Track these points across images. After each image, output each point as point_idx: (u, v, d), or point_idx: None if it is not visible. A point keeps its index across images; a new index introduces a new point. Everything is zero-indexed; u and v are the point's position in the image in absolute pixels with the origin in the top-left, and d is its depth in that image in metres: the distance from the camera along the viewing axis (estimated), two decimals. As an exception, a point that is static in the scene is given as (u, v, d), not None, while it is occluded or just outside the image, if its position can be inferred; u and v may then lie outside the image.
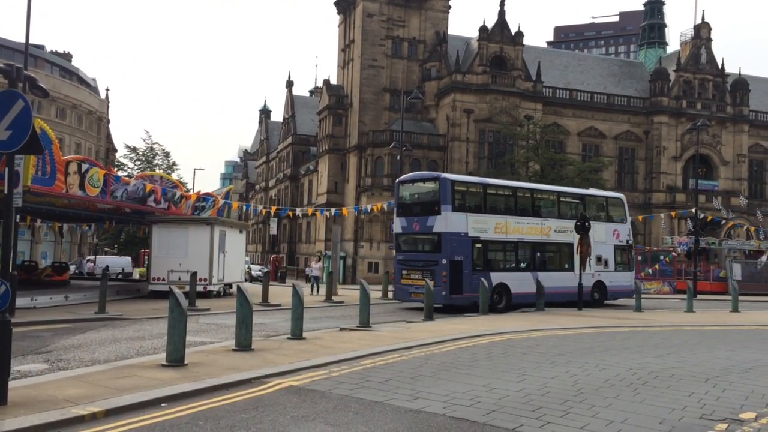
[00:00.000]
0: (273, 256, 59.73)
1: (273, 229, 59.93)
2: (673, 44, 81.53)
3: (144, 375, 9.43)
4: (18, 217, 19.15)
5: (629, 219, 29.76)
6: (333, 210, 39.14)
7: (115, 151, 68.49)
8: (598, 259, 27.03)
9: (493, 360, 11.61)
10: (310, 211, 42.61)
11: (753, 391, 9.37)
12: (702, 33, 61.22)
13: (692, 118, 54.07)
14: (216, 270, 26.12)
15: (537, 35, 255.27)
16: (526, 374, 10.22)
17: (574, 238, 25.36)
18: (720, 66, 60.88)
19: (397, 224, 25.11)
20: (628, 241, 28.75)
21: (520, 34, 55.31)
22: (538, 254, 25.88)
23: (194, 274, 22.15)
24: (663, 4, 75.47)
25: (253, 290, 20.12)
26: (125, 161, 49.05)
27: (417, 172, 29.72)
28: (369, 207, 40.26)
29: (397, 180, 26.79)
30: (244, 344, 11.80)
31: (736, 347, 14.25)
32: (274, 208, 43.26)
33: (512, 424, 7.29)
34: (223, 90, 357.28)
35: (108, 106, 69.61)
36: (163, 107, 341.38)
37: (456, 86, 53.80)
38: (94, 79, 73.23)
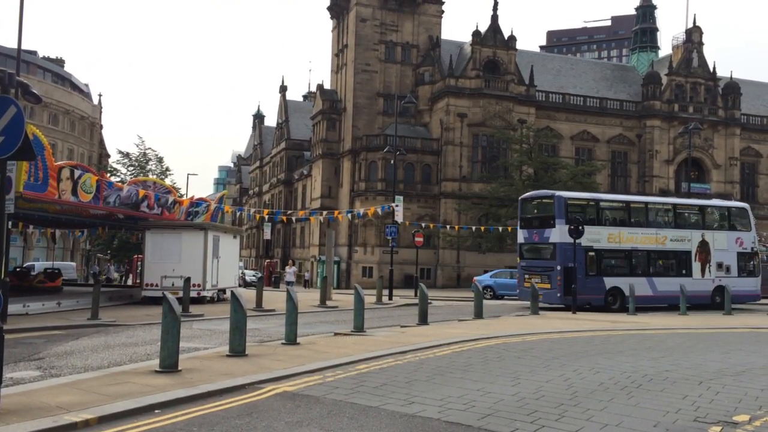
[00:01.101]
0: (267, 261, 59.61)
1: (267, 233, 59.82)
2: (665, 48, 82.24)
3: (137, 381, 9.38)
4: (10, 223, 19.04)
5: (754, 227, 31.10)
6: (325, 213, 39.07)
7: (108, 156, 68.23)
8: (719, 265, 28.79)
9: (487, 364, 11.61)
10: (301, 213, 42.55)
11: (746, 393, 9.40)
12: (693, 37, 61.55)
13: (684, 122, 54.32)
14: (210, 275, 26.02)
15: (530, 40, 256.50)
16: (521, 378, 10.23)
17: (692, 246, 28.19)
18: (712, 70, 61.20)
19: (520, 235, 28.42)
20: (753, 248, 30.18)
21: (513, 38, 55.47)
22: (653, 261, 27.85)
23: (188, 280, 22.02)
24: (655, 8, 75.92)
25: (247, 295, 20.09)
26: (118, 167, 48.87)
27: (536, 191, 31.81)
28: (362, 211, 40.29)
29: (519, 198, 29.93)
30: (238, 350, 11.76)
31: (730, 350, 14.31)
32: (266, 212, 43.17)
33: (507, 428, 7.29)
34: (217, 95, 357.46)
35: (101, 112, 69.43)
36: (157, 112, 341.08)
37: (449, 90, 53.93)
38: (86, 85, 73.09)
